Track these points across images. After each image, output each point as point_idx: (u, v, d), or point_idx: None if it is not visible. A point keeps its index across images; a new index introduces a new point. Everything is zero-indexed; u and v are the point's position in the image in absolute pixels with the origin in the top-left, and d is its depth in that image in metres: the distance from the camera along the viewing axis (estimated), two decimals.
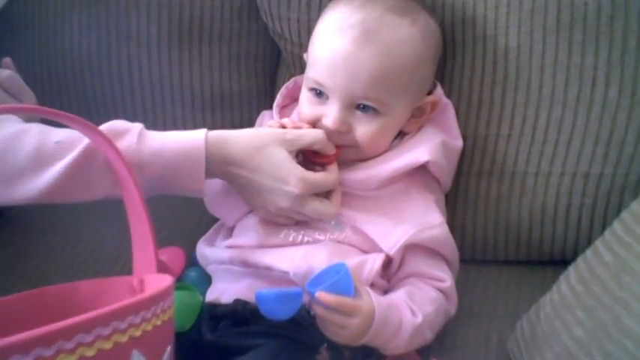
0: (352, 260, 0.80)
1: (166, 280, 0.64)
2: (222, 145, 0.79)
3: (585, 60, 0.86)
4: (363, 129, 0.83)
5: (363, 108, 0.82)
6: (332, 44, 0.81)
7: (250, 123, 1.04)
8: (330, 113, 0.82)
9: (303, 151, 0.83)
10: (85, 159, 0.74)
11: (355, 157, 0.85)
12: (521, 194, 0.91)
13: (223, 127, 1.02)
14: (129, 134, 0.76)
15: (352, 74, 0.80)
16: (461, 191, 0.94)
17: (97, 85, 1.11)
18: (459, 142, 0.90)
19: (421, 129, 0.88)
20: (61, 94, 1.12)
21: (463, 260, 0.88)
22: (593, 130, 0.87)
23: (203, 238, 0.92)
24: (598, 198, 0.89)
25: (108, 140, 0.71)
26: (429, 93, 0.88)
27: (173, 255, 0.92)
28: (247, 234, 0.85)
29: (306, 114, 0.85)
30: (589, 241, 0.87)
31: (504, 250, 0.96)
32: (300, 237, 0.83)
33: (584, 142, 0.88)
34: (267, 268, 0.82)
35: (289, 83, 0.95)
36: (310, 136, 0.82)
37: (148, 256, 0.70)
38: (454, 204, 0.95)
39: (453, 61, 0.92)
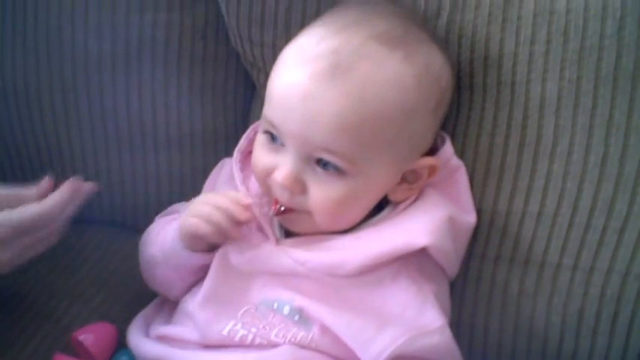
0: None
1: None
2: None
3: None
4: (320, 192, 0.73)
5: (325, 165, 0.72)
6: (288, 78, 0.73)
7: None
8: (283, 165, 0.73)
9: None
10: None
11: (310, 228, 0.75)
12: (551, 293, 0.80)
13: (182, 174, 1.00)
14: None
15: (310, 119, 0.71)
16: (471, 279, 0.83)
17: (23, 113, 0.99)
18: (471, 218, 0.79)
19: (421, 196, 0.78)
20: None
21: None
22: None
23: (141, 313, 0.83)
24: None
25: None
26: (433, 150, 0.78)
27: (100, 333, 0.82)
28: (185, 322, 0.76)
29: (257, 162, 0.77)
30: None
31: None
32: (251, 337, 0.72)
33: None
34: None
35: (257, 124, 0.84)
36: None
37: None
38: (461, 295, 0.83)
39: (468, 110, 0.81)
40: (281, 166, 0.73)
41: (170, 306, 0.81)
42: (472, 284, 0.82)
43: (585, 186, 0.77)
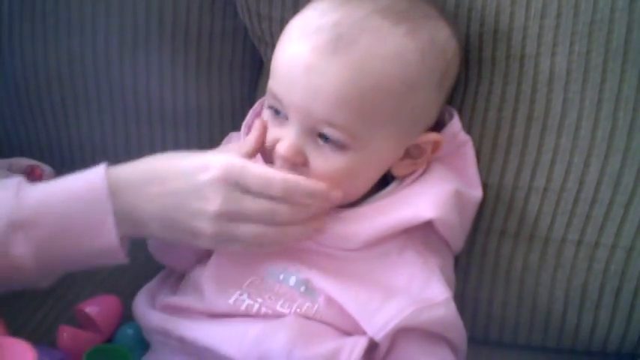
0: (324, 347, 0.69)
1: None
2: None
3: None
4: (321, 164, 0.72)
5: (327, 138, 0.72)
6: (291, 51, 0.72)
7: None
8: (285, 137, 0.73)
9: None
10: None
11: None
12: (555, 267, 0.80)
13: (188, 149, 1.05)
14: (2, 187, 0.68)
15: (312, 92, 0.70)
16: (476, 253, 0.83)
17: (31, 90, 1.00)
18: (477, 193, 0.79)
19: (428, 171, 0.77)
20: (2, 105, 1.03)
21: (473, 340, 0.77)
22: None
23: (147, 286, 0.82)
24: None
25: None
26: (441, 125, 0.78)
27: (105, 305, 0.83)
28: (191, 292, 0.76)
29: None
30: None
31: (527, 333, 0.84)
32: (257, 306, 0.72)
33: None
34: (209, 350, 0.71)
35: (264, 99, 0.83)
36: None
37: None
38: (466, 269, 0.83)
39: (476, 84, 0.80)
40: (284, 138, 0.73)
41: (175, 278, 0.81)
42: (477, 258, 0.82)
43: (592, 160, 0.77)
